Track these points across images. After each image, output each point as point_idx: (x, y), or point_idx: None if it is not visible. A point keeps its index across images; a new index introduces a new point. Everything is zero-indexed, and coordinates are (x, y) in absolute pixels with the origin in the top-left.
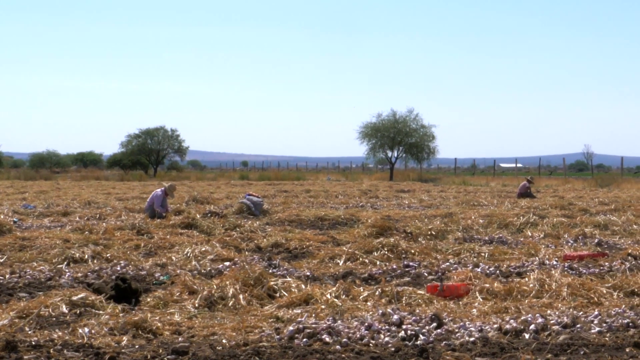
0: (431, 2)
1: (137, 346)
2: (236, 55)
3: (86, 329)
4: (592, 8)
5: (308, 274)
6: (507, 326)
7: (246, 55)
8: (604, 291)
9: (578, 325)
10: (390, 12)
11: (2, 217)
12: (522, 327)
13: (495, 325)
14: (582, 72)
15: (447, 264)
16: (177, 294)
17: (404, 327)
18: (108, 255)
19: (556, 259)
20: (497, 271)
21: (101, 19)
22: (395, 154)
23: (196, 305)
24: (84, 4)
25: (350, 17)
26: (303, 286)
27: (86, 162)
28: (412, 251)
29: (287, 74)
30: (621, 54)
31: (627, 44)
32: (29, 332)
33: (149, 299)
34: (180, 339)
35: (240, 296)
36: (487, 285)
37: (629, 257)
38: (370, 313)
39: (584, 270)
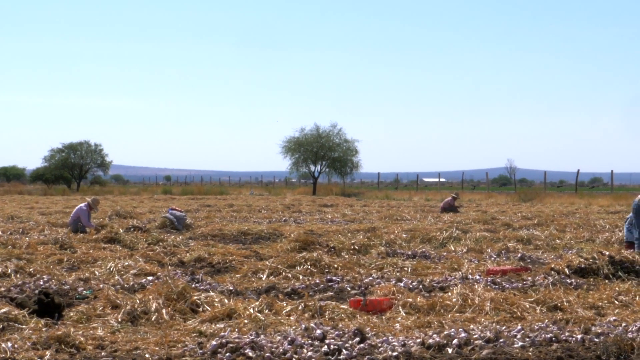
0: (355, 16)
1: None
2: (159, 70)
3: (9, 344)
4: (512, 23)
5: (231, 288)
6: (430, 341)
7: (169, 69)
8: (527, 306)
9: (501, 340)
10: (314, 26)
11: None
12: (445, 342)
13: (418, 340)
14: (504, 87)
15: (370, 278)
16: (100, 309)
17: (327, 341)
18: (31, 269)
19: (479, 273)
20: (420, 286)
21: (24, 32)
22: (319, 169)
23: (119, 319)
24: (4, 16)
25: (273, 32)
26: (226, 301)
27: (9, 176)
28: (335, 266)
29: (210, 88)
30: (543, 69)
31: (549, 58)
32: None
33: (72, 314)
34: (103, 353)
35: (163, 311)
36: (410, 299)
37: (552, 272)
38: (293, 327)
39: (507, 285)
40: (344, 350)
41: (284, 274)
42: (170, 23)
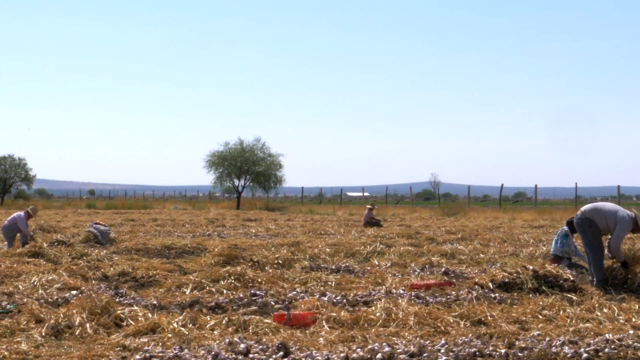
0: (278, 30)
1: None
2: (82, 83)
3: None
4: (434, 36)
5: (155, 302)
6: (354, 355)
7: (92, 83)
8: (451, 320)
9: (425, 354)
10: (239, 40)
11: None
12: (369, 356)
13: (342, 354)
14: (428, 102)
15: (294, 292)
16: (24, 323)
17: (250, 355)
18: None
19: (403, 287)
20: (344, 300)
21: None
22: (242, 183)
23: (43, 334)
24: None
25: (197, 45)
26: (150, 315)
27: None
28: (259, 280)
29: (133, 102)
30: (467, 84)
31: (472, 73)
32: None
33: None
34: None
35: (87, 325)
36: (334, 314)
37: (476, 286)
38: (217, 342)
39: (431, 299)
40: None
41: (207, 288)
42: (94, 36)
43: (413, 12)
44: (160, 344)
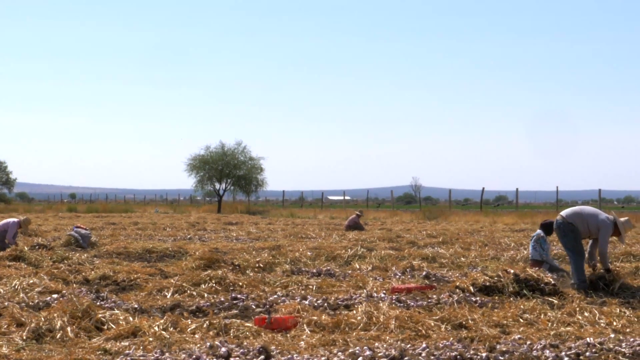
0: (260, 33)
1: None
2: (63, 86)
3: None
4: (413, 39)
5: (136, 306)
6: (335, 359)
7: (73, 85)
8: (432, 324)
9: (406, 358)
10: (220, 43)
11: None
12: None
13: (323, 358)
14: (408, 105)
15: (275, 296)
16: (5, 327)
17: (231, 359)
18: None
19: (384, 291)
20: (325, 304)
21: None
22: (224, 187)
23: (24, 337)
24: None
25: (179, 48)
26: (131, 318)
27: None
28: (240, 284)
29: (115, 105)
30: (448, 87)
31: (453, 76)
32: None
33: None
34: None
35: (68, 328)
36: (315, 317)
37: (457, 290)
38: (198, 345)
39: (412, 303)
40: None
41: (188, 291)
42: (74, 38)
43: (394, 15)
44: (141, 347)
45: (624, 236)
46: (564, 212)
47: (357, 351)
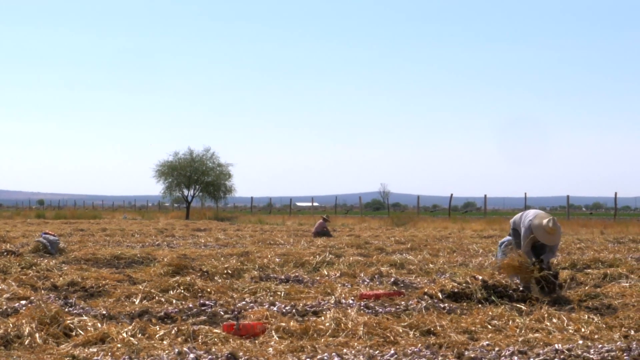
0: (227, 38)
1: None
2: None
3: None
4: (382, 44)
5: (104, 312)
6: None
7: (40, 90)
8: (400, 330)
9: None
10: (188, 48)
11: None
12: None
13: None
14: (377, 111)
15: (243, 302)
16: None
17: None
18: None
19: (352, 297)
20: (294, 310)
21: None
22: (192, 193)
23: None
24: None
25: (146, 54)
26: (99, 325)
27: None
28: (209, 290)
29: (82, 110)
30: (415, 93)
31: (419, 82)
32: None
33: None
34: None
35: (37, 335)
36: (284, 324)
37: (425, 296)
38: (167, 352)
39: (380, 309)
40: None
41: (157, 298)
42: (41, 44)
43: (361, 20)
44: (109, 354)
45: (544, 238)
46: (512, 218)
47: (325, 357)
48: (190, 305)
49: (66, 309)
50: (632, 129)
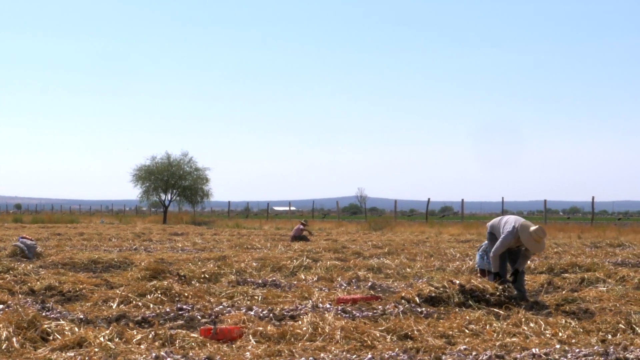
0: (204, 43)
1: None
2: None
3: None
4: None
5: (81, 317)
6: None
7: (16, 94)
8: (378, 334)
9: None
10: (165, 52)
11: None
12: None
13: None
14: (354, 115)
15: (221, 307)
16: None
17: None
18: None
19: (329, 302)
20: (271, 314)
21: None
22: (169, 197)
23: None
24: None
25: (123, 58)
26: (76, 329)
27: None
28: (186, 294)
29: (59, 114)
30: (392, 97)
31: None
32: None
33: None
34: None
35: (14, 339)
36: (261, 328)
37: (403, 301)
38: (144, 356)
39: (358, 314)
40: None
41: (134, 302)
42: (15, 48)
43: (337, 25)
44: (87, 358)
45: (531, 246)
46: (489, 222)
47: None
48: (168, 310)
49: (43, 313)
50: (610, 134)
